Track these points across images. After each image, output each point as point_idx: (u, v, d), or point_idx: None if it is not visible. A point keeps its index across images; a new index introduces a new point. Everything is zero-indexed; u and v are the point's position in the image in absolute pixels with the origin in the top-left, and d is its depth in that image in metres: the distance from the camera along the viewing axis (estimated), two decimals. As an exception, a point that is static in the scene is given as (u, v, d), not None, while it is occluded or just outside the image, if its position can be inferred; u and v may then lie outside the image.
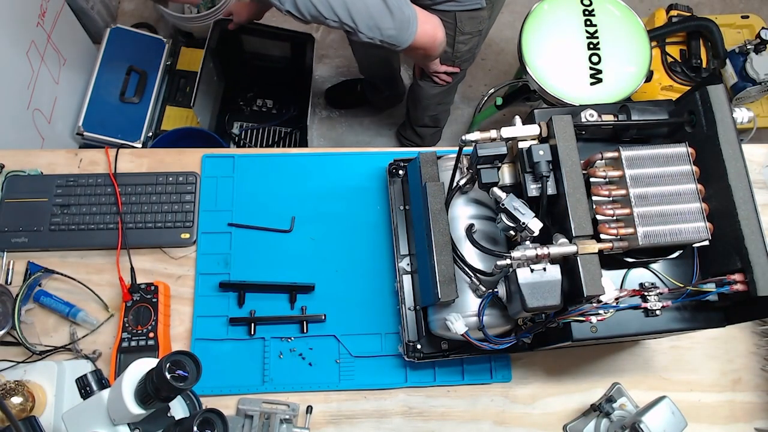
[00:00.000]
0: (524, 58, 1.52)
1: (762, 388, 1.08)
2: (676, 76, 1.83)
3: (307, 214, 1.13)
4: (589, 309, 0.79)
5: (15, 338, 1.02)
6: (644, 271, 0.86)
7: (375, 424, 1.03)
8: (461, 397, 1.05)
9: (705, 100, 0.82)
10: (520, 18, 1.59)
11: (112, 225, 1.09)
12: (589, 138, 0.89)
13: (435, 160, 0.95)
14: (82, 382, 0.78)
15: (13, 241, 1.08)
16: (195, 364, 0.71)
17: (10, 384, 0.91)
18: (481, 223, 0.94)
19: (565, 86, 1.49)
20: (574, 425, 1.03)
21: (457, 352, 1.00)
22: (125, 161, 1.16)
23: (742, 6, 2.52)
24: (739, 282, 0.77)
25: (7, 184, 1.11)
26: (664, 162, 0.80)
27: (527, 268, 0.78)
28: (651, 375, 1.08)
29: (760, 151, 1.23)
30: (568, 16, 1.55)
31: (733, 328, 1.06)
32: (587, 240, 0.77)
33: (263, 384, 1.03)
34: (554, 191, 0.80)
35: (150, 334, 1.01)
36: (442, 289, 0.86)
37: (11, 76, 1.58)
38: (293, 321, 1.06)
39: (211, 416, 0.70)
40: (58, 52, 1.80)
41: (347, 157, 1.18)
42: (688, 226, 0.77)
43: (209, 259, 1.10)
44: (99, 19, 2.08)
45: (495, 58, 2.38)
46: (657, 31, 1.83)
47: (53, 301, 1.05)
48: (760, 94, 1.91)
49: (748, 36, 1.96)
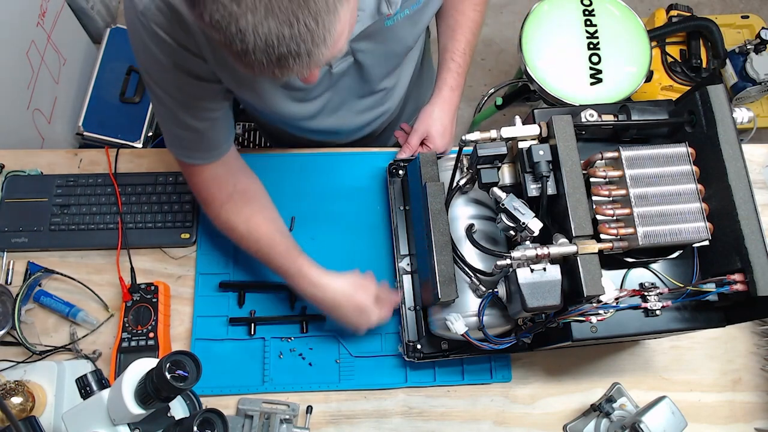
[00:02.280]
0: (524, 58, 1.52)
1: (762, 388, 1.08)
2: (676, 76, 1.83)
3: (307, 214, 1.13)
4: (589, 309, 0.79)
5: (15, 338, 1.02)
6: (644, 271, 0.86)
7: (375, 424, 1.03)
8: (461, 397, 1.05)
9: (705, 100, 0.82)
10: (520, 18, 1.59)
11: (112, 225, 1.09)
12: (589, 138, 0.89)
13: (435, 160, 0.95)
14: (82, 382, 0.78)
15: (13, 241, 1.08)
16: (195, 364, 0.71)
17: (10, 384, 0.91)
18: (481, 223, 0.94)
19: (565, 86, 1.49)
20: (574, 425, 1.03)
21: (457, 352, 1.00)
22: (125, 161, 1.16)
23: (742, 6, 2.52)
24: (739, 282, 0.77)
25: (7, 184, 1.11)
26: (664, 162, 0.80)
27: (527, 268, 0.78)
28: (651, 375, 1.08)
29: (760, 151, 1.23)
30: (568, 16, 1.55)
31: (733, 328, 1.06)
32: (587, 240, 0.77)
33: (263, 384, 1.03)
34: (554, 191, 0.80)
35: (150, 334, 1.01)
36: (442, 289, 0.86)
37: (11, 76, 1.58)
38: (293, 321, 1.06)
39: (211, 416, 0.70)
40: (58, 52, 1.80)
41: (347, 157, 1.18)
42: (688, 226, 0.77)
43: (209, 259, 1.10)
44: (99, 19, 2.08)
45: (495, 58, 2.39)
46: (657, 31, 1.83)
47: (53, 301, 1.05)
48: (760, 94, 1.91)
49: (748, 36, 1.96)
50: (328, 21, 0.55)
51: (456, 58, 1.10)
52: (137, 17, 0.74)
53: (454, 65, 1.11)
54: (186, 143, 0.91)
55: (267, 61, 0.57)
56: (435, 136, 1.11)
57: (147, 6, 0.73)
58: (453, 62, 1.11)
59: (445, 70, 1.11)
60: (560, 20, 1.55)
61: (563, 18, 1.55)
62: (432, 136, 1.11)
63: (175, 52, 0.77)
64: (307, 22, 0.54)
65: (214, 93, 0.86)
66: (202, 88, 0.83)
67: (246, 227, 0.95)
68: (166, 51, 0.77)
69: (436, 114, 1.12)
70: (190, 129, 0.88)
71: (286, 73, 0.59)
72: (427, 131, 1.12)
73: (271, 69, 0.58)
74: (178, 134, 0.89)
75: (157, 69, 0.80)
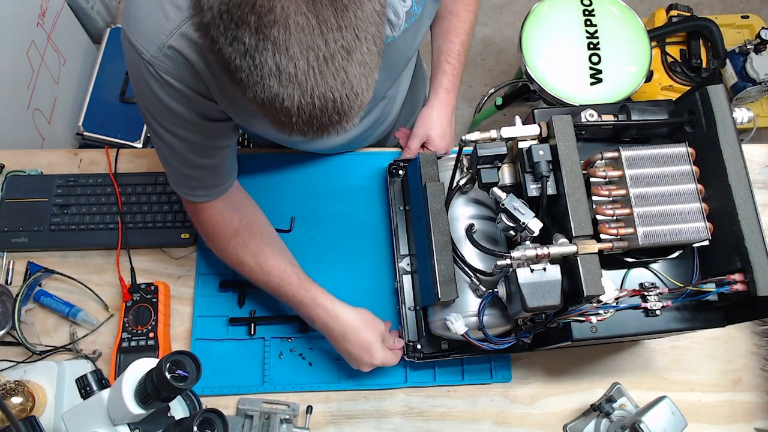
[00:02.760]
0: (524, 58, 1.52)
1: (762, 388, 1.08)
2: (676, 76, 1.83)
3: (307, 214, 1.13)
4: (589, 309, 0.79)
5: (15, 338, 1.02)
6: (644, 271, 0.86)
7: (375, 424, 1.03)
8: (461, 397, 1.05)
9: (705, 100, 0.82)
10: (520, 18, 1.59)
11: (112, 225, 1.09)
12: (589, 138, 0.89)
13: (435, 160, 0.95)
14: (82, 382, 0.78)
15: (13, 241, 1.08)
16: (195, 364, 0.71)
17: (10, 384, 0.91)
18: (481, 223, 0.94)
19: (565, 86, 1.49)
20: (574, 425, 1.03)
21: (457, 352, 1.00)
22: (125, 161, 1.16)
23: (742, 6, 2.52)
24: (739, 282, 0.77)
25: (7, 184, 1.11)
26: (664, 162, 0.80)
27: (527, 268, 0.78)
28: (651, 375, 1.08)
29: (760, 151, 1.23)
30: (568, 16, 1.55)
31: (733, 328, 1.06)
32: (587, 240, 0.77)
33: (263, 384, 1.03)
34: (554, 191, 0.80)
35: (150, 334, 1.01)
36: (442, 289, 0.86)
37: (11, 76, 1.58)
38: (293, 321, 1.06)
39: (211, 416, 0.70)
40: (58, 52, 1.80)
41: (347, 157, 1.18)
42: (688, 226, 0.77)
43: (209, 259, 1.10)
44: (99, 19, 2.08)
45: (495, 58, 2.39)
46: (657, 31, 1.83)
47: (53, 301, 1.05)
48: (760, 94, 1.91)
49: (748, 36, 1.96)
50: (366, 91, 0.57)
51: (451, 60, 1.10)
52: (144, 67, 0.71)
53: (449, 67, 1.11)
54: (193, 182, 0.89)
55: (308, 129, 0.58)
56: (435, 139, 1.11)
57: (155, 55, 0.70)
58: (448, 64, 1.11)
59: (441, 73, 1.11)
60: (560, 20, 1.55)
61: (563, 18, 1.55)
62: (432, 139, 1.11)
63: (189, 99, 0.75)
64: (349, 95, 0.55)
65: (226, 130, 0.86)
66: (216, 128, 0.83)
67: (255, 261, 0.95)
68: (178, 99, 0.75)
69: (434, 117, 1.12)
70: (200, 167, 0.87)
71: (324, 136, 0.60)
72: (426, 134, 1.12)
73: (311, 134, 0.59)
74: (186, 174, 0.88)
75: (169, 117, 0.78)
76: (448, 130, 1.13)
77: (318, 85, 0.53)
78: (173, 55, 0.70)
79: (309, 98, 0.54)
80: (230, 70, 0.54)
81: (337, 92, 0.54)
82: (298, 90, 0.53)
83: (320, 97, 0.54)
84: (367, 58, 0.55)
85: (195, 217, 0.96)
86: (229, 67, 0.54)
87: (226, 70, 0.55)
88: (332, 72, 0.53)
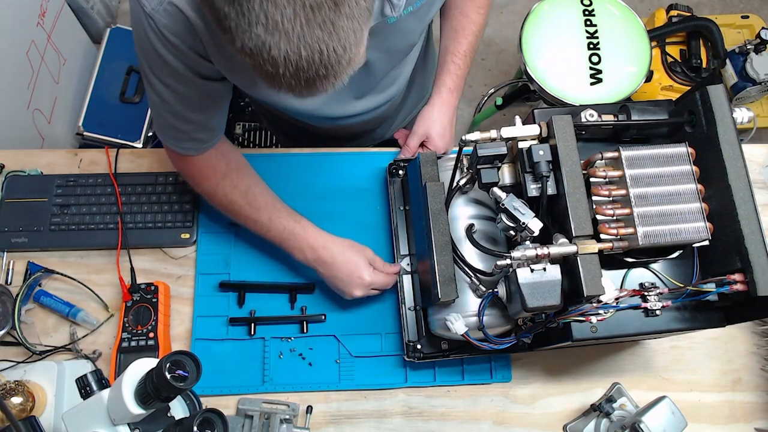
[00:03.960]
0: (524, 58, 1.52)
1: (762, 388, 1.08)
2: (676, 76, 1.83)
3: (307, 214, 1.12)
4: (589, 309, 0.79)
5: (15, 338, 1.02)
6: (644, 271, 0.86)
7: (375, 424, 1.03)
8: (461, 397, 1.05)
9: (705, 100, 0.82)
10: (520, 18, 1.59)
11: (112, 225, 1.09)
12: (589, 138, 0.89)
13: (435, 160, 0.95)
14: (82, 382, 0.78)
15: (13, 241, 1.08)
16: (195, 364, 0.71)
17: (10, 384, 0.91)
18: (481, 223, 0.94)
19: (565, 86, 1.50)
20: (574, 425, 1.03)
21: (457, 352, 1.00)
22: (125, 161, 1.16)
23: (742, 6, 2.52)
24: (739, 282, 0.77)
25: (7, 184, 1.11)
26: (664, 162, 0.80)
27: (527, 268, 0.78)
28: (651, 375, 1.08)
29: (760, 151, 1.23)
30: (568, 16, 1.55)
31: (733, 328, 1.06)
32: (587, 240, 0.77)
33: (263, 384, 1.03)
34: (554, 191, 0.80)
35: (150, 334, 1.01)
36: (442, 289, 0.86)
37: (11, 76, 1.58)
38: (293, 321, 1.06)
39: (211, 416, 0.70)
40: (58, 52, 1.80)
41: (347, 157, 1.18)
42: (688, 226, 0.77)
43: (209, 259, 1.10)
44: (99, 19, 2.08)
45: (495, 58, 2.39)
46: (657, 31, 1.83)
47: (53, 301, 1.05)
48: (760, 94, 1.91)
49: (748, 36, 1.96)
50: (354, 45, 0.58)
51: (456, 60, 1.10)
52: (145, 19, 0.75)
53: (454, 67, 1.11)
54: (182, 135, 0.93)
55: (295, 83, 0.59)
56: (435, 138, 1.11)
57: (155, 8, 0.73)
58: (453, 64, 1.11)
59: (445, 72, 1.11)
60: (560, 20, 1.55)
61: (563, 18, 1.55)
62: (432, 138, 1.11)
63: (184, 55, 0.79)
64: (336, 48, 0.56)
65: (220, 91, 0.89)
66: (209, 87, 0.86)
67: (245, 199, 0.98)
68: (174, 53, 0.78)
69: (435, 116, 1.12)
70: (190, 122, 0.90)
71: (313, 92, 0.61)
72: (426, 133, 1.12)
73: (299, 89, 0.60)
74: (177, 127, 0.91)
75: (163, 69, 0.81)
76: (448, 130, 1.13)
77: (304, 35, 0.54)
78: (172, 10, 0.74)
79: (295, 48, 0.54)
80: (219, 18, 0.56)
81: (323, 43, 0.55)
82: (284, 38, 0.54)
83: (306, 47, 0.55)
84: (356, 12, 0.56)
85: (183, 170, 1.00)
86: (219, 14, 0.55)
87: (216, 18, 0.56)
88: (319, 22, 0.54)
